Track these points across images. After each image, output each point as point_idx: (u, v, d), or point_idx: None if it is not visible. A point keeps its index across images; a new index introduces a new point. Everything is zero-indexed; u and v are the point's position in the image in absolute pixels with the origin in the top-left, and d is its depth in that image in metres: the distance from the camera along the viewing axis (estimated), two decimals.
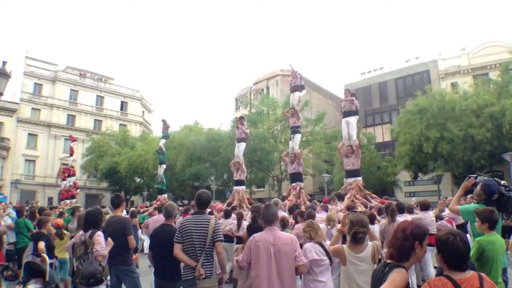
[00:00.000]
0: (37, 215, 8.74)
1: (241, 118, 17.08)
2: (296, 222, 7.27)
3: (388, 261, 2.59)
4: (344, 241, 5.90)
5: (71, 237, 6.27)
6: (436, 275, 2.72)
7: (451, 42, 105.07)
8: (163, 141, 22.97)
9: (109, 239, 4.87)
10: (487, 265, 3.64)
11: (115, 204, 5.82)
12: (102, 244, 4.65)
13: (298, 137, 14.39)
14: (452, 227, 7.65)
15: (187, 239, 4.29)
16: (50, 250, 6.37)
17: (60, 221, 8.39)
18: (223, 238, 4.48)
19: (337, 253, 3.69)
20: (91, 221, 4.87)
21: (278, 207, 8.56)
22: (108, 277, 5.00)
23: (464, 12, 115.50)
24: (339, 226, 7.07)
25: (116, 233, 5.19)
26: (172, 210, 5.17)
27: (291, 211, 8.59)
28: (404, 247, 2.52)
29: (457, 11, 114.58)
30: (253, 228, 4.64)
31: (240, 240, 7.57)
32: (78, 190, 27.98)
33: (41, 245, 5.98)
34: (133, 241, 5.53)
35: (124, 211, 12.19)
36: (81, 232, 4.95)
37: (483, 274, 2.48)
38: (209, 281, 4.23)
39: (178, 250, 4.30)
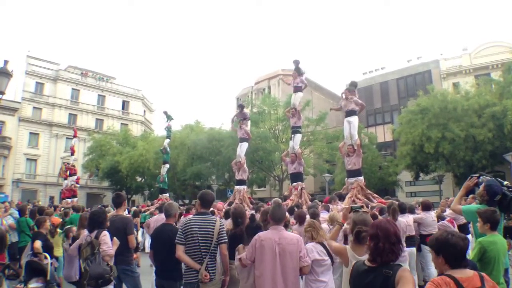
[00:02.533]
0: (37, 214, 8.76)
1: (240, 107, 16.71)
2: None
3: (369, 263, 2.54)
4: (345, 241, 5.90)
5: (74, 238, 6.28)
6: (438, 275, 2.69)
7: (453, 42, 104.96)
8: (167, 140, 22.91)
9: (115, 238, 4.86)
10: (489, 265, 3.63)
11: (117, 203, 5.84)
12: (108, 243, 4.63)
13: (298, 137, 14.37)
14: (453, 228, 7.66)
15: (192, 240, 4.23)
16: (49, 249, 6.37)
17: (56, 219, 8.40)
18: (227, 240, 4.46)
19: (339, 254, 3.67)
20: (95, 222, 4.86)
21: None
22: None
23: (465, 12, 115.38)
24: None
25: (118, 232, 5.18)
26: (171, 209, 5.14)
27: (290, 211, 8.56)
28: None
29: (458, 11, 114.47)
30: (251, 228, 4.61)
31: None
32: (78, 186, 28.00)
33: (37, 244, 5.97)
34: (133, 241, 5.53)
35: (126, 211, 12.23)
36: (86, 233, 4.93)
37: (484, 274, 2.48)
38: (213, 283, 4.21)
39: (181, 252, 4.24)
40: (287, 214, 7.55)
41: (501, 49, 30.33)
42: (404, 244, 6.60)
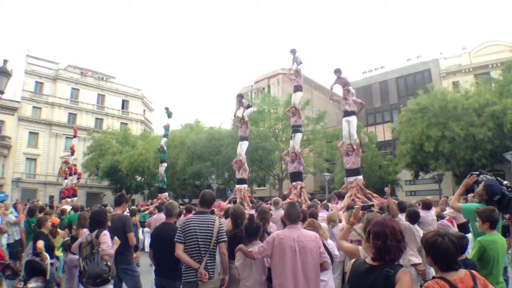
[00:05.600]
0: (37, 214, 8.75)
1: (239, 96, 16.73)
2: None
3: (371, 262, 2.52)
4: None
5: (73, 238, 6.29)
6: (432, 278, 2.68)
7: (453, 41, 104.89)
8: (164, 139, 22.91)
9: (116, 238, 4.87)
10: (488, 264, 3.64)
11: (116, 202, 5.89)
12: (108, 243, 4.65)
13: (299, 136, 14.33)
14: (453, 227, 7.65)
15: (191, 239, 4.25)
16: (51, 249, 6.37)
17: (56, 219, 8.40)
18: (226, 239, 4.46)
19: (351, 254, 3.62)
20: (96, 221, 4.87)
21: (278, 206, 8.57)
22: None
23: (465, 11, 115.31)
24: (343, 219, 7.06)
25: (117, 231, 5.19)
26: (172, 209, 5.16)
27: None
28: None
29: (458, 10, 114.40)
30: (251, 228, 4.60)
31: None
32: (78, 181, 28.06)
33: (40, 244, 6.00)
34: (133, 239, 5.54)
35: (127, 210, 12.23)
36: (87, 232, 4.96)
37: (474, 272, 2.46)
38: (212, 282, 4.21)
39: (180, 251, 4.25)
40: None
41: (501, 48, 30.34)
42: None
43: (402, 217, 7.11)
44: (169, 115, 23.15)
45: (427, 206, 8.22)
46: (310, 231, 4.21)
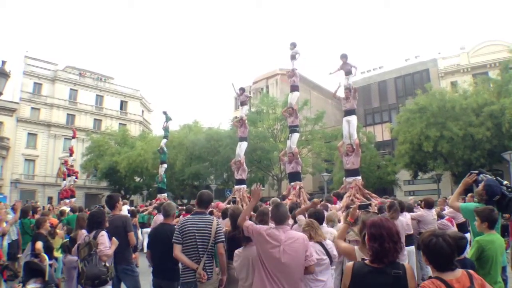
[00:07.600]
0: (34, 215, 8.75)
1: (241, 89, 16.83)
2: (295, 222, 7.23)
3: (371, 264, 2.52)
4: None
5: (71, 239, 6.28)
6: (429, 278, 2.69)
7: (451, 41, 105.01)
8: (164, 140, 22.93)
9: (114, 238, 4.85)
10: (486, 264, 3.64)
11: (110, 205, 5.78)
12: (106, 244, 4.63)
13: (296, 136, 14.35)
14: (452, 227, 7.66)
15: (189, 239, 4.24)
16: (49, 250, 6.36)
17: (55, 220, 8.38)
18: (224, 239, 4.45)
19: (347, 255, 3.60)
20: (94, 222, 4.86)
21: None
22: None
23: (463, 11, 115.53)
24: (342, 220, 7.06)
25: (117, 230, 5.19)
26: (170, 209, 5.13)
27: (290, 210, 8.54)
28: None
29: (456, 10, 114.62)
30: None
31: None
32: (75, 180, 28.05)
33: (38, 245, 6.00)
34: (133, 238, 5.54)
35: (127, 207, 12.21)
36: (85, 233, 4.94)
37: (471, 271, 2.45)
38: (210, 283, 4.20)
39: (178, 252, 4.24)
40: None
41: (499, 48, 30.39)
42: (404, 243, 6.61)
43: (402, 218, 7.13)
44: (168, 119, 23.21)
45: (429, 205, 8.26)
46: (298, 233, 4.16)
